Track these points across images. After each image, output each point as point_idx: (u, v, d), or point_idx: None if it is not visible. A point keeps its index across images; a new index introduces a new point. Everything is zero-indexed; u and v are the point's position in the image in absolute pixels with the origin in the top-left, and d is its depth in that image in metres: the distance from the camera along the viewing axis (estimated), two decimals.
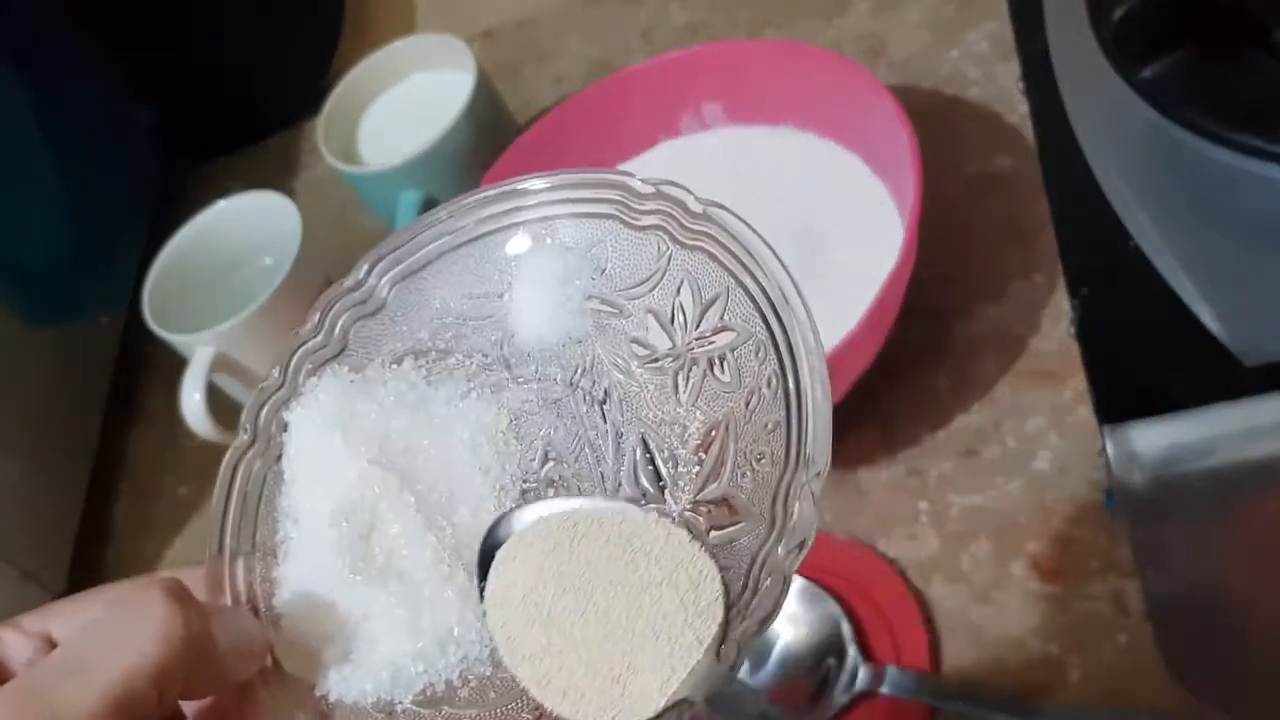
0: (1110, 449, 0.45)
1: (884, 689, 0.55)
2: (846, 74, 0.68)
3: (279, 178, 1.02)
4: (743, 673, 0.45)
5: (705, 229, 0.38)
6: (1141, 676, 0.53)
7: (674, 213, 0.39)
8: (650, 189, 0.39)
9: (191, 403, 0.72)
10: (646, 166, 0.76)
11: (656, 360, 0.38)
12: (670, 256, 0.39)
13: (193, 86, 1.04)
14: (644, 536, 0.36)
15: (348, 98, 0.84)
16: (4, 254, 0.82)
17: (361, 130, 0.84)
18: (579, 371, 0.39)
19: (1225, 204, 0.47)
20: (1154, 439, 0.44)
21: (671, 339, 0.38)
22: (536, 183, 0.40)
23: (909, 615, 0.58)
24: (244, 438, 0.41)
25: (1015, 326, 0.65)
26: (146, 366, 0.93)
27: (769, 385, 0.36)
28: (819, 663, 0.57)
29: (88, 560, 0.83)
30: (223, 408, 0.76)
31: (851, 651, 0.57)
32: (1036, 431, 0.61)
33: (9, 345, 0.79)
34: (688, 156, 0.75)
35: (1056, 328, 0.64)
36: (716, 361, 0.37)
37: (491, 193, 0.41)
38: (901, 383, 0.66)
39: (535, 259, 0.40)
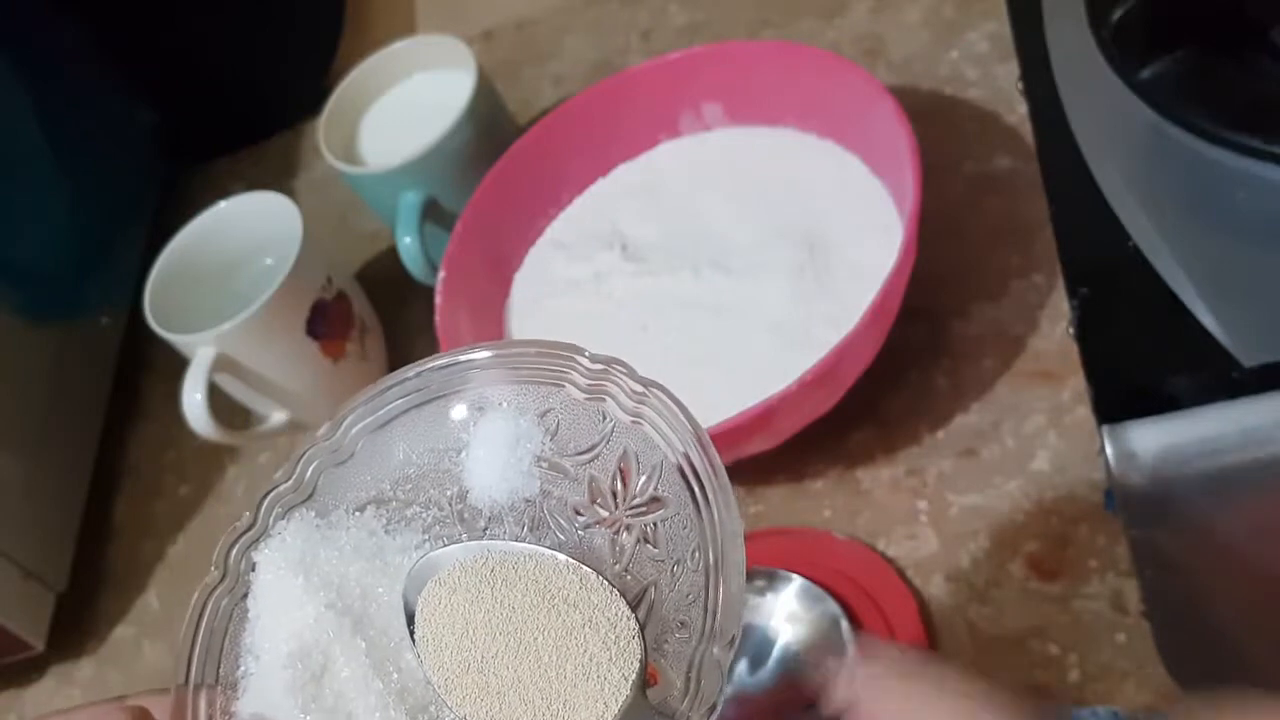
0: (1109, 449, 0.45)
1: None
2: (846, 74, 0.68)
3: (280, 178, 1.02)
4: (743, 672, 0.54)
5: (646, 405, 0.41)
6: (1140, 676, 0.53)
7: (620, 387, 0.41)
8: (599, 365, 0.42)
9: (192, 403, 0.72)
10: (647, 166, 0.76)
11: (595, 524, 0.41)
12: (614, 428, 0.41)
13: (194, 87, 1.04)
14: (558, 581, 0.38)
15: (348, 98, 0.84)
16: (5, 254, 0.82)
17: (362, 131, 0.84)
18: (525, 529, 0.42)
19: (1224, 204, 0.48)
20: (1153, 439, 0.44)
21: (609, 506, 0.41)
22: (495, 350, 0.43)
23: (908, 614, 0.58)
24: (214, 575, 0.42)
25: (1014, 326, 0.65)
26: (147, 366, 0.94)
27: (692, 557, 0.38)
28: (819, 662, 0.57)
29: (89, 559, 0.83)
30: (223, 408, 0.76)
31: (851, 651, 0.57)
32: (1035, 431, 0.61)
33: (10, 345, 0.79)
34: (688, 157, 0.76)
35: (1055, 327, 0.64)
36: (649, 529, 0.40)
37: (455, 357, 0.44)
38: (901, 382, 0.66)
39: (490, 421, 0.43)
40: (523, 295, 0.74)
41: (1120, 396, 0.44)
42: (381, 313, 0.83)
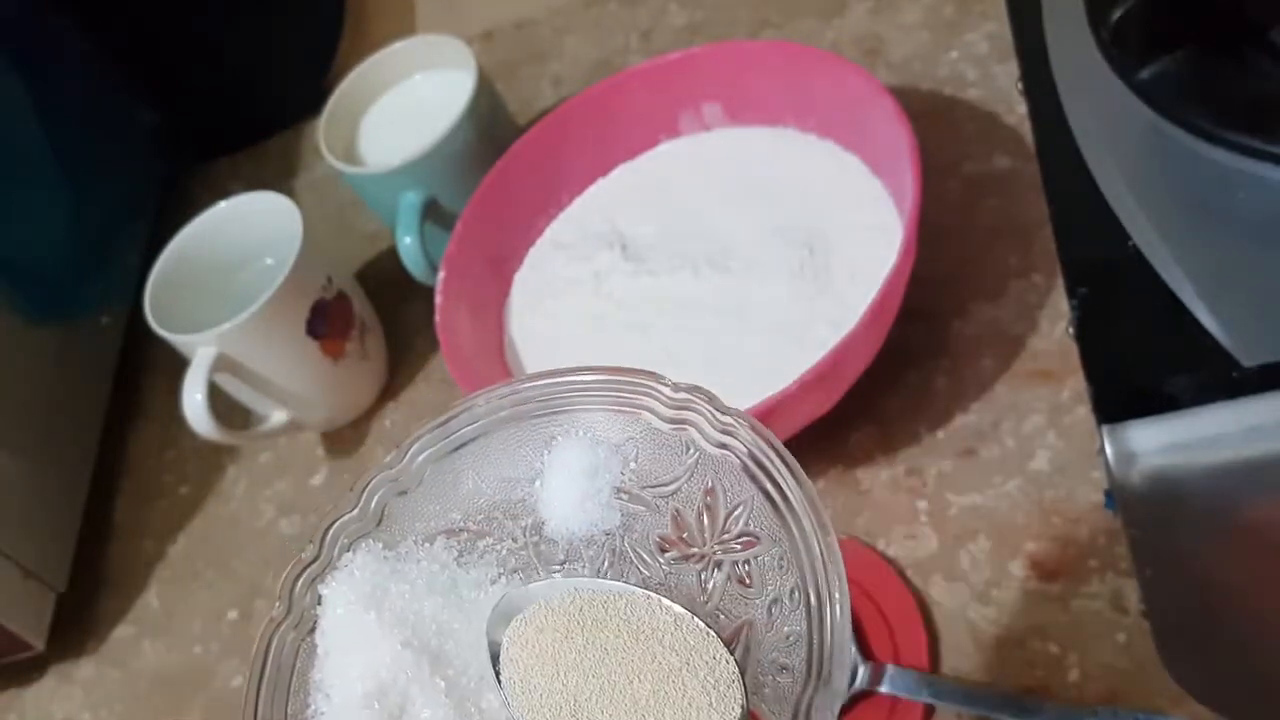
0: (1108, 448, 0.45)
1: (883, 688, 0.56)
2: (846, 75, 0.68)
3: (280, 178, 1.02)
4: None
5: (733, 436, 0.39)
6: (1140, 675, 0.53)
7: (703, 416, 0.39)
8: (681, 393, 0.40)
9: (193, 403, 0.72)
10: (647, 167, 0.76)
11: (681, 560, 0.39)
12: (698, 459, 0.39)
13: (194, 87, 1.04)
14: (652, 622, 0.36)
15: (348, 98, 0.84)
16: (5, 254, 0.82)
17: (362, 131, 0.84)
18: (606, 564, 0.40)
19: (1223, 204, 0.48)
20: (1152, 438, 0.44)
21: (696, 541, 0.39)
22: (569, 376, 0.41)
23: (908, 614, 0.58)
24: (279, 609, 0.41)
25: (1014, 326, 0.65)
26: (148, 366, 0.94)
27: (790, 597, 0.36)
28: None
29: (89, 559, 0.83)
30: (224, 408, 0.76)
31: (850, 650, 0.57)
32: (1035, 431, 0.62)
33: (11, 345, 0.79)
34: (688, 157, 0.76)
35: (1055, 327, 0.64)
36: (740, 566, 0.38)
37: (526, 384, 0.42)
38: (900, 382, 0.66)
39: (566, 450, 0.41)
40: (523, 295, 0.74)
41: (1120, 396, 0.44)
42: (382, 312, 0.83)
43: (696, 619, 0.36)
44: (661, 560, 0.39)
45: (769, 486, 0.38)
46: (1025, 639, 0.56)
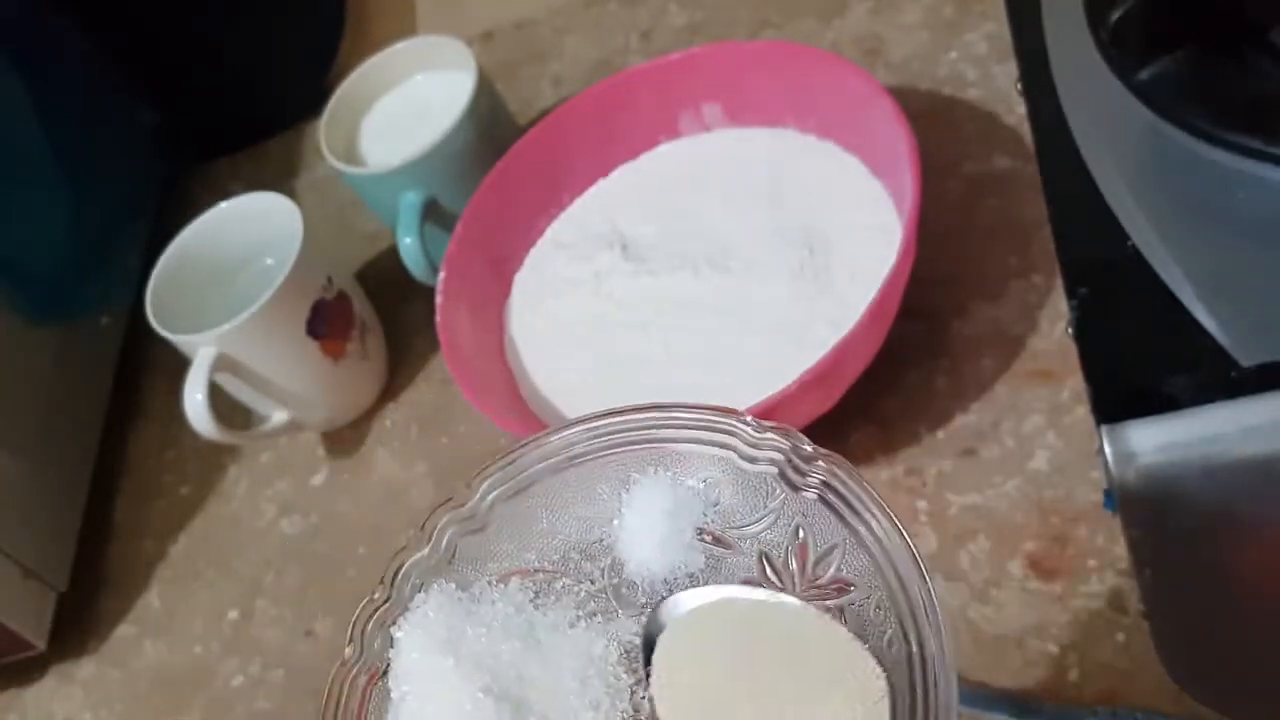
0: (1107, 448, 0.45)
1: None
2: (845, 75, 0.68)
3: (281, 178, 1.02)
4: None
5: (820, 475, 0.38)
6: (1139, 675, 0.53)
7: (787, 454, 0.38)
8: (765, 431, 0.39)
9: (194, 403, 0.72)
10: (647, 167, 0.77)
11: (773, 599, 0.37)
12: (785, 500, 0.38)
13: (195, 88, 1.04)
14: (804, 632, 0.35)
15: (349, 99, 0.84)
16: (6, 254, 0.82)
17: (363, 131, 0.84)
18: None
19: (1222, 204, 0.48)
20: (1151, 438, 0.44)
21: (786, 584, 0.37)
22: (647, 411, 0.40)
23: None
24: (350, 652, 0.39)
25: (1013, 326, 0.65)
26: (149, 366, 0.94)
27: (889, 646, 0.35)
28: None
29: (90, 559, 0.83)
30: (224, 407, 0.76)
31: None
32: (1034, 431, 0.62)
33: (11, 345, 0.79)
34: (688, 157, 0.76)
35: (1054, 327, 0.64)
36: (835, 613, 0.36)
37: (604, 419, 0.40)
38: (900, 382, 0.66)
39: (645, 489, 0.40)
40: (523, 295, 0.75)
41: (1119, 396, 0.44)
42: (382, 312, 0.83)
43: (850, 633, 0.35)
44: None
45: (861, 530, 0.36)
46: (1024, 638, 0.56)
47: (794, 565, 0.38)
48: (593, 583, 0.39)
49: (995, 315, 0.66)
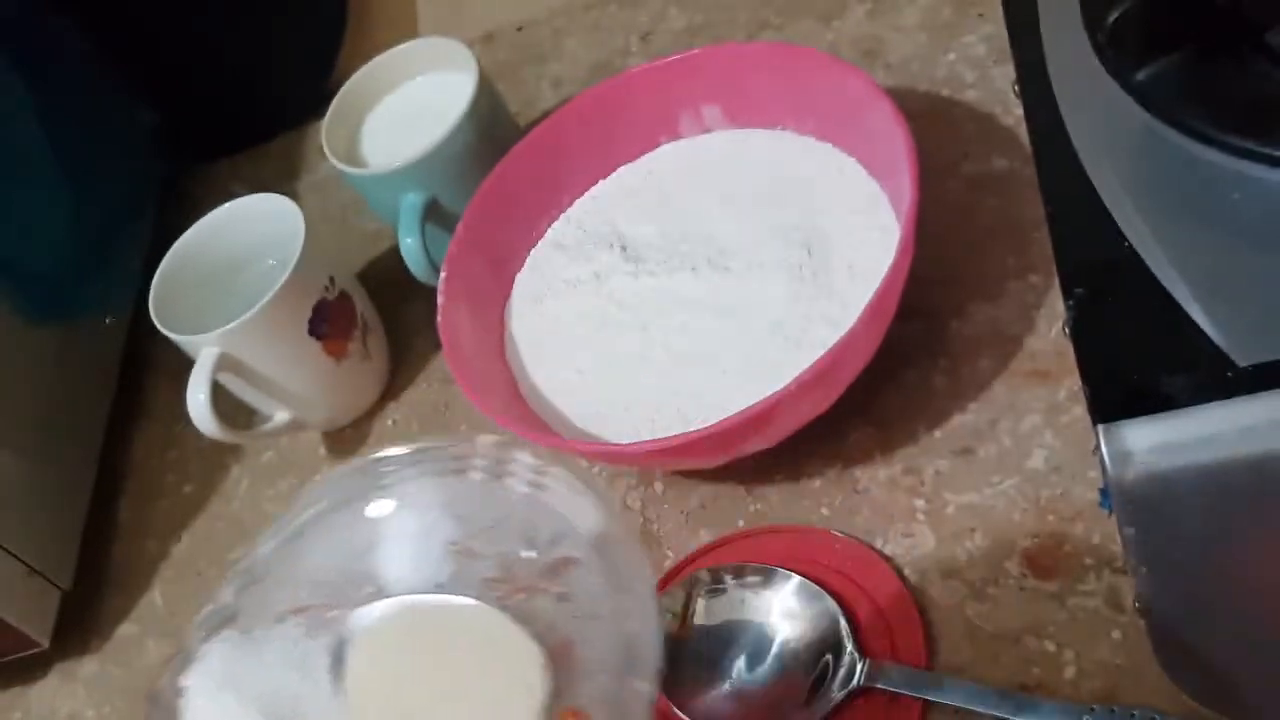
0: (1104, 447, 0.45)
1: (881, 684, 0.56)
2: (844, 76, 0.68)
3: (282, 179, 1.03)
4: (741, 669, 0.58)
5: (544, 475, 0.44)
6: (1136, 672, 0.53)
7: (518, 462, 0.45)
8: (498, 448, 0.45)
9: (196, 402, 0.72)
10: (647, 168, 0.77)
11: (511, 593, 0.43)
12: (517, 501, 0.45)
13: (196, 88, 1.04)
14: (471, 625, 0.42)
15: (351, 100, 0.84)
16: (9, 254, 0.82)
17: (364, 132, 0.84)
18: None
19: (1219, 205, 0.48)
20: (1148, 438, 0.44)
21: (520, 574, 0.44)
22: (397, 451, 0.46)
23: (905, 612, 0.59)
24: (149, 709, 0.43)
25: (1011, 326, 0.66)
26: (152, 366, 0.94)
27: (605, 608, 0.42)
28: (816, 659, 0.58)
29: (94, 558, 0.84)
30: (227, 407, 0.77)
31: (848, 648, 0.58)
32: (1032, 430, 0.62)
33: (14, 345, 0.79)
34: (687, 158, 0.76)
35: (1051, 327, 0.65)
36: (565, 588, 0.43)
37: (356, 464, 0.47)
38: (898, 382, 0.66)
39: (399, 518, 0.45)
40: (523, 295, 0.75)
41: (1116, 396, 0.45)
42: (383, 312, 0.83)
43: (506, 616, 0.42)
44: (492, 597, 0.43)
45: (578, 513, 0.43)
46: (1021, 636, 0.56)
47: (530, 554, 0.44)
48: (360, 607, 0.44)
49: (993, 315, 0.66)
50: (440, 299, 0.70)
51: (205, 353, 0.73)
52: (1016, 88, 0.57)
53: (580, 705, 0.40)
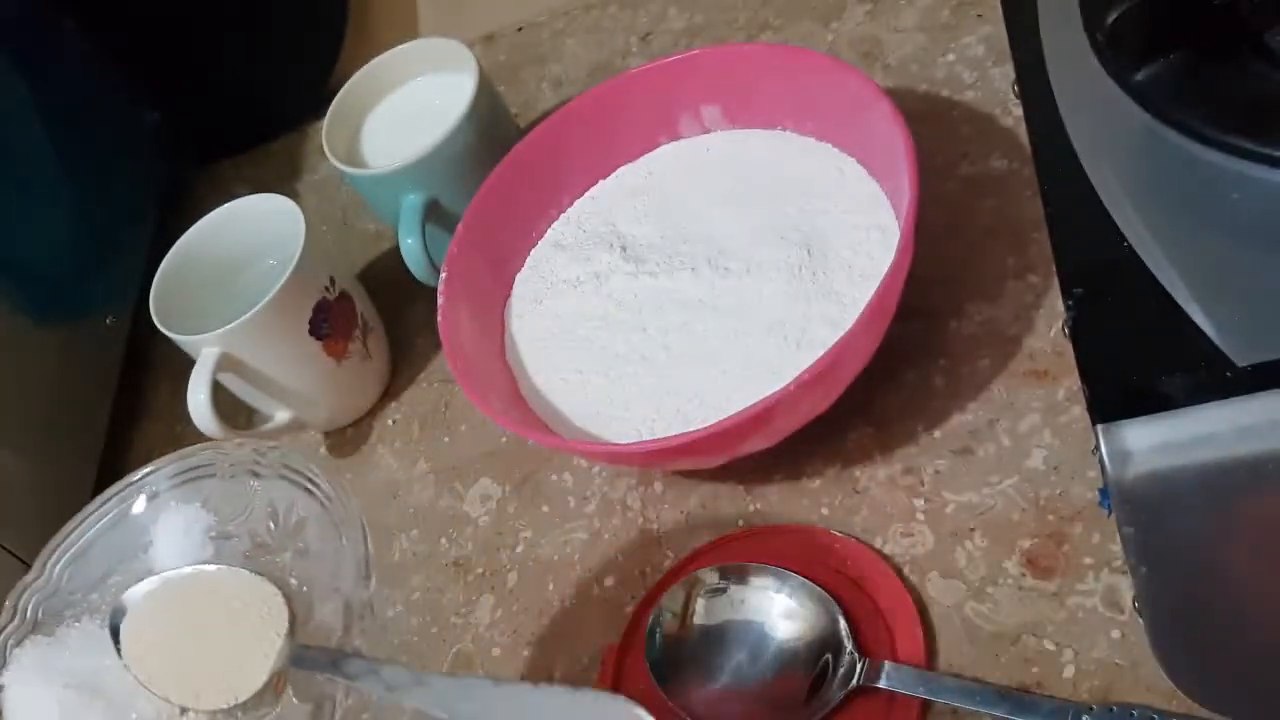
0: (1103, 447, 0.45)
1: (880, 684, 0.56)
2: (843, 77, 0.68)
3: (283, 179, 1.03)
4: (740, 669, 0.59)
5: (270, 460, 0.56)
6: (1135, 672, 0.53)
7: (255, 458, 0.57)
8: (241, 449, 0.57)
9: (197, 402, 0.73)
10: (647, 168, 0.77)
11: (262, 559, 0.55)
12: (258, 487, 0.57)
13: (198, 89, 1.05)
14: (221, 583, 0.53)
15: (351, 101, 0.84)
16: (10, 254, 0.82)
17: (365, 133, 0.84)
18: None
19: (1218, 205, 0.48)
20: (1147, 438, 0.45)
21: (268, 542, 0.56)
22: (157, 466, 0.58)
23: (905, 611, 0.59)
24: None
25: (1010, 326, 0.66)
26: (153, 366, 0.94)
27: (333, 544, 0.53)
28: (816, 658, 0.58)
29: None
30: (228, 407, 0.77)
31: (848, 647, 0.58)
32: (1031, 430, 0.62)
33: (16, 345, 0.79)
34: (687, 159, 0.76)
35: (1051, 327, 0.65)
36: (301, 546, 0.55)
37: (127, 482, 0.59)
38: (898, 382, 0.67)
39: (165, 520, 0.57)
40: (523, 295, 0.75)
41: (1115, 396, 0.45)
42: (384, 312, 0.84)
43: (249, 570, 0.53)
44: (249, 567, 0.54)
45: (303, 484, 0.55)
46: (1021, 635, 0.56)
47: (272, 525, 0.56)
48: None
49: (992, 315, 0.67)
50: (440, 299, 0.71)
51: (206, 353, 0.73)
52: (1016, 88, 0.57)
53: (323, 619, 0.52)
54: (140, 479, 0.58)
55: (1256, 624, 0.48)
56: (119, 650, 0.52)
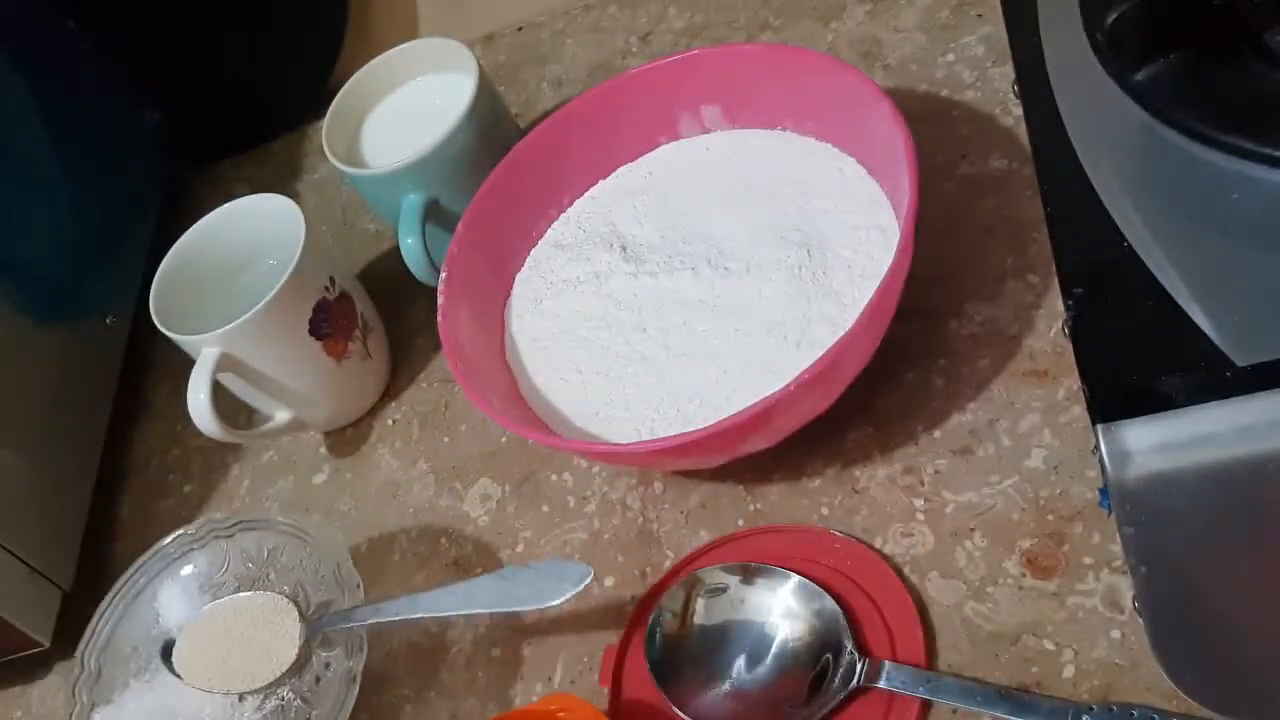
0: (1103, 447, 0.45)
1: (880, 684, 0.56)
2: (843, 77, 0.68)
3: (283, 179, 1.03)
4: (740, 668, 0.59)
5: (235, 526, 0.75)
6: (1135, 672, 0.53)
7: (212, 525, 0.75)
8: (225, 520, 0.75)
9: (197, 402, 0.73)
10: (647, 168, 0.77)
11: (254, 584, 0.73)
12: (225, 546, 0.74)
13: (198, 89, 1.05)
14: (236, 606, 0.69)
15: (351, 101, 0.84)
16: (11, 254, 0.82)
17: (365, 133, 0.84)
18: None
19: (1217, 204, 0.48)
20: (1146, 437, 0.45)
21: (258, 576, 0.73)
22: (158, 549, 0.75)
23: (905, 611, 0.59)
24: None
25: (1010, 326, 0.66)
26: (153, 366, 0.94)
27: (316, 567, 0.71)
28: (816, 658, 0.58)
29: (95, 557, 0.84)
30: (228, 407, 0.77)
31: (848, 647, 0.58)
32: (1031, 430, 0.62)
33: (16, 344, 0.79)
34: (687, 159, 0.76)
35: (1050, 327, 0.65)
36: (288, 572, 0.72)
37: (117, 588, 0.74)
38: (897, 382, 0.67)
39: (162, 594, 0.74)
40: (523, 295, 0.75)
41: (1115, 396, 0.45)
42: (384, 312, 0.84)
43: (270, 593, 0.69)
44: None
45: (264, 526, 0.74)
46: (1020, 635, 0.57)
47: (250, 565, 0.73)
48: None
49: (992, 315, 0.67)
50: (440, 299, 0.71)
51: (205, 353, 0.73)
52: (1015, 88, 0.57)
53: (322, 598, 0.69)
54: (132, 573, 0.74)
55: (1256, 624, 0.48)
56: (173, 670, 0.68)
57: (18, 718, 0.80)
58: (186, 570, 0.74)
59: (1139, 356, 0.46)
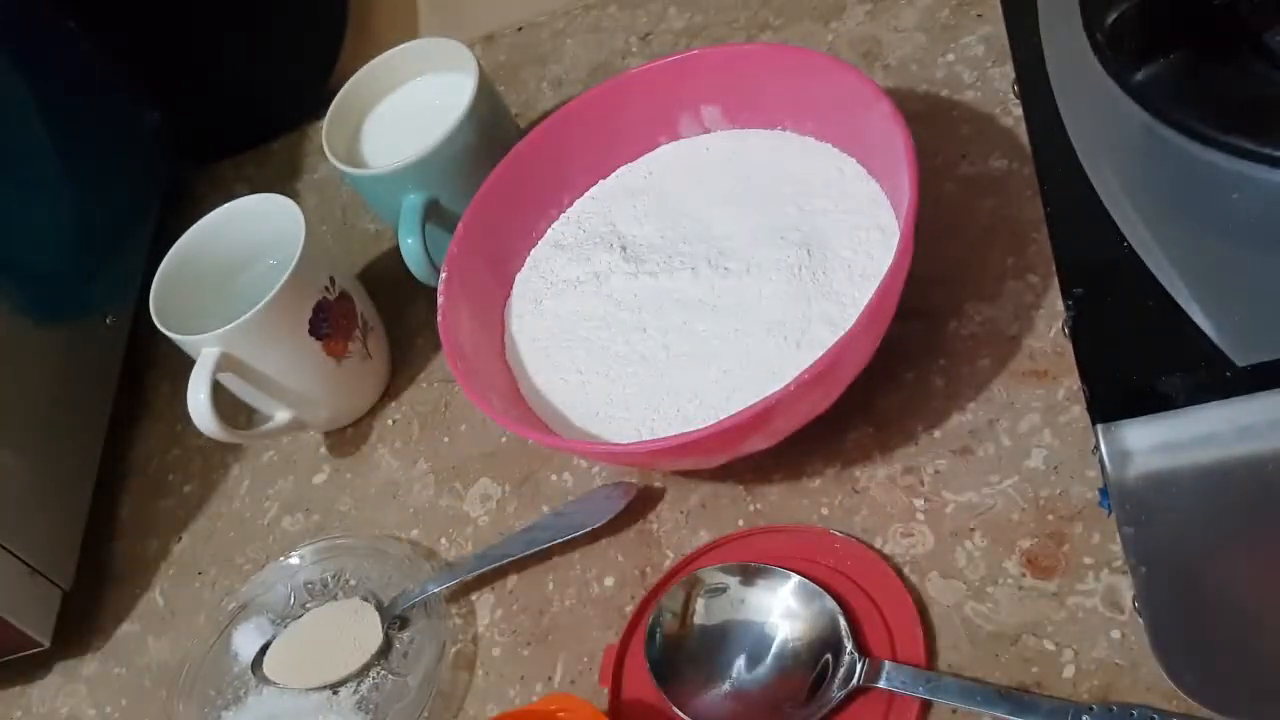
0: (1103, 447, 0.45)
1: (880, 684, 0.56)
2: (843, 77, 0.68)
3: (283, 179, 1.03)
4: (740, 669, 0.59)
5: (296, 571, 0.77)
6: (1134, 672, 0.54)
7: (277, 576, 0.78)
8: (263, 570, 0.79)
9: (197, 402, 0.73)
10: (647, 168, 0.77)
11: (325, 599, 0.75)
12: (289, 588, 0.77)
13: (198, 89, 1.05)
14: (318, 617, 0.73)
15: (351, 101, 0.84)
16: (11, 254, 0.82)
17: (365, 133, 0.84)
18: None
19: (1217, 205, 0.48)
20: (1147, 437, 0.45)
21: (321, 595, 0.76)
22: (246, 591, 0.78)
23: (905, 611, 0.59)
24: None
25: (1010, 326, 0.66)
26: (153, 366, 0.94)
27: (372, 566, 0.75)
28: (816, 658, 0.58)
29: (95, 557, 0.84)
30: (228, 407, 0.77)
31: (848, 647, 0.58)
32: (1031, 430, 0.62)
33: (17, 344, 0.79)
34: (687, 159, 0.76)
35: (1050, 327, 0.65)
36: (348, 584, 0.75)
37: (216, 628, 0.77)
38: (897, 382, 0.67)
39: (237, 638, 0.76)
40: (523, 295, 0.75)
41: (1115, 396, 0.45)
42: (384, 312, 0.84)
43: (358, 599, 0.72)
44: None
45: (328, 555, 0.77)
46: (1020, 635, 0.57)
47: (310, 594, 0.76)
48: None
49: (992, 315, 0.67)
50: (440, 299, 0.71)
51: (205, 353, 0.73)
52: (1015, 88, 0.57)
53: (391, 594, 0.72)
54: (228, 622, 0.76)
55: (1256, 624, 0.48)
56: (265, 678, 0.72)
57: (18, 718, 0.80)
58: (254, 616, 0.76)
59: (1139, 356, 0.46)
